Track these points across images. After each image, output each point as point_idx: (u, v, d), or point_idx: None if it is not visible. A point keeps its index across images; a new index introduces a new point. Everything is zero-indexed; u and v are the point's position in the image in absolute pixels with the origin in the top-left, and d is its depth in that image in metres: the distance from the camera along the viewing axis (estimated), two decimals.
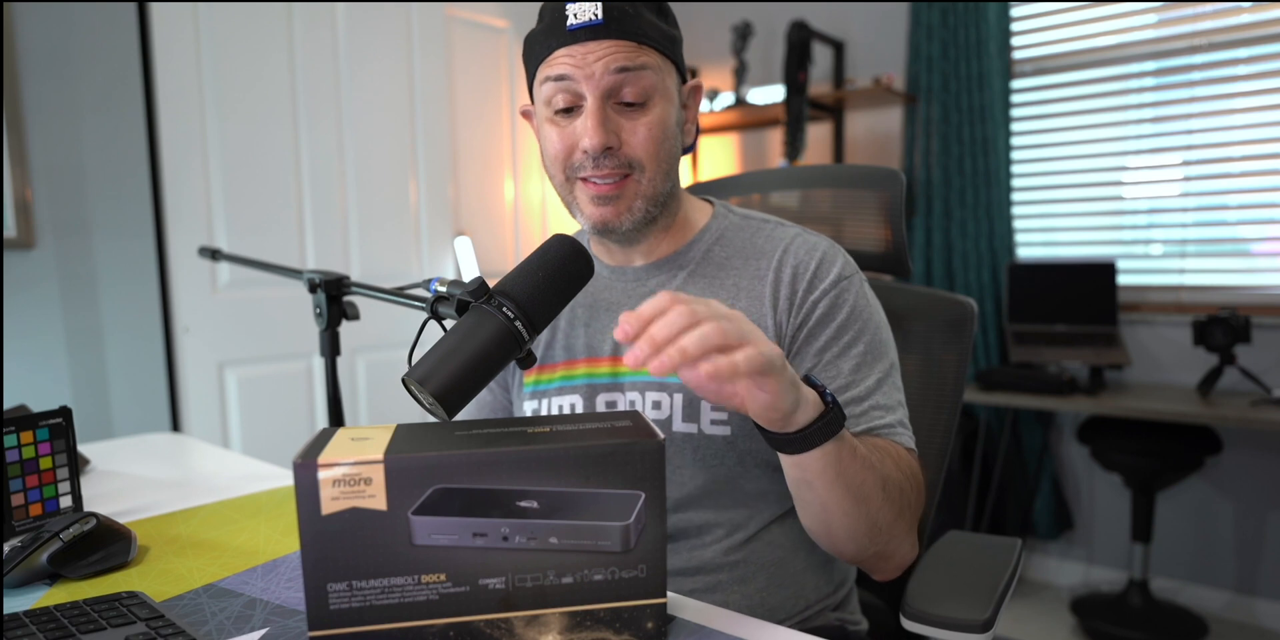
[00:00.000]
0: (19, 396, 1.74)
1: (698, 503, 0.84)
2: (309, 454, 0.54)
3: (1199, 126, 2.34)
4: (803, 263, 0.84)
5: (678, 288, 0.87)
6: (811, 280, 0.83)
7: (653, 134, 0.79)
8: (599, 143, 0.77)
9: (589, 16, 0.76)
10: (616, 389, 0.87)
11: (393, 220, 2.44)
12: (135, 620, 0.60)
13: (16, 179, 1.78)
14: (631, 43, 0.77)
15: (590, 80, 0.77)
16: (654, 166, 0.81)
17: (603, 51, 0.77)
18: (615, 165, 0.79)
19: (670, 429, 0.83)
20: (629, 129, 0.79)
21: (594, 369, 0.88)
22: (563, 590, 0.56)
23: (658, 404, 0.84)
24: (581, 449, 0.55)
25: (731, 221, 0.91)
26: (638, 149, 0.79)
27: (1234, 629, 2.27)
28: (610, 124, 0.78)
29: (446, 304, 0.73)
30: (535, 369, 0.92)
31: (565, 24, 0.77)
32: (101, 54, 1.90)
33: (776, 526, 0.86)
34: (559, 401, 0.89)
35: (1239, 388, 2.21)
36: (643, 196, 0.81)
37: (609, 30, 0.77)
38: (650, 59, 0.78)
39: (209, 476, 1.10)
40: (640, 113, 0.79)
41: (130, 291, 1.98)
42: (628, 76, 0.77)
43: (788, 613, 0.86)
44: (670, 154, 0.82)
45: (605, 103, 0.78)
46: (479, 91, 2.66)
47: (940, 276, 2.67)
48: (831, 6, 2.87)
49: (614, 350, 0.87)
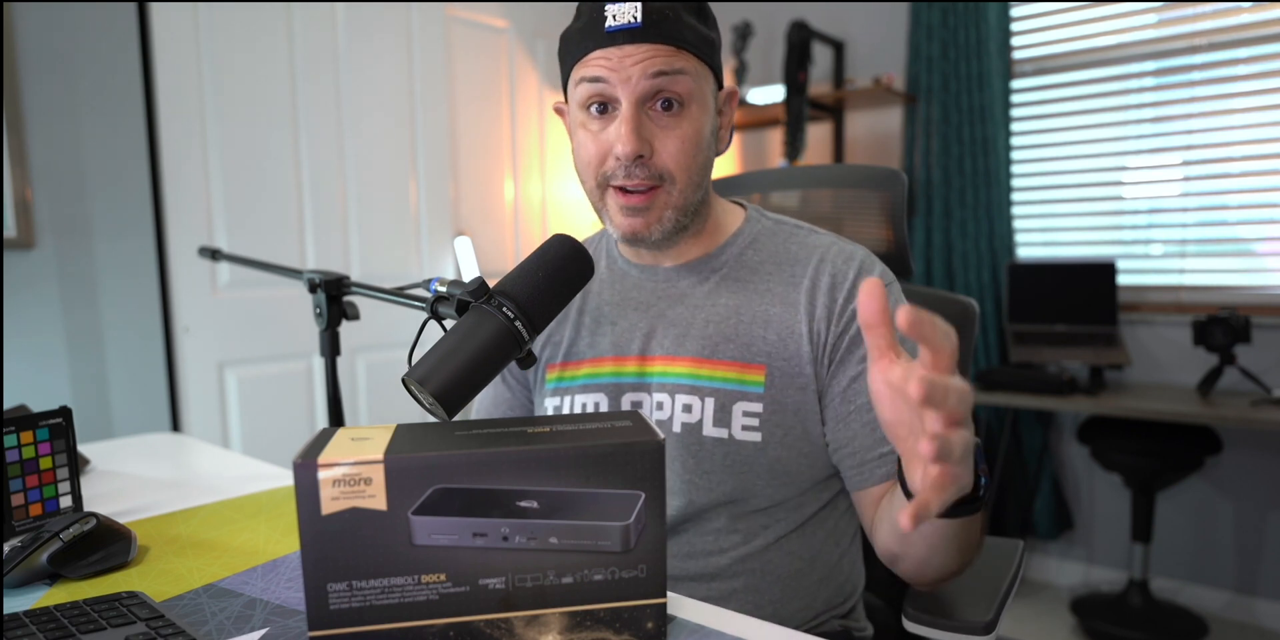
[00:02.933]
0: (19, 396, 1.74)
1: (722, 508, 0.83)
2: (309, 454, 0.53)
3: (1199, 126, 2.34)
4: (840, 271, 0.83)
5: (709, 291, 0.86)
6: (851, 289, 0.82)
7: (685, 146, 0.78)
8: (632, 150, 0.76)
9: (628, 18, 0.75)
10: (643, 389, 0.86)
11: (393, 220, 2.44)
12: (135, 620, 0.60)
13: (16, 179, 1.78)
14: (670, 47, 0.76)
15: (626, 84, 0.76)
16: (684, 178, 0.79)
17: (640, 55, 0.75)
18: (646, 175, 0.78)
19: (701, 433, 0.82)
20: (662, 138, 0.78)
21: (620, 368, 0.87)
22: (563, 590, 0.56)
23: (688, 407, 0.83)
24: (581, 449, 0.55)
25: (765, 226, 0.90)
26: (669, 160, 0.78)
27: (1234, 629, 2.27)
28: (644, 131, 0.77)
29: (446, 304, 0.73)
30: (559, 365, 0.91)
31: (604, 25, 0.76)
32: (101, 54, 1.90)
33: (796, 536, 0.85)
34: (583, 399, 0.88)
35: (1239, 388, 2.21)
36: (673, 207, 0.80)
37: (647, 34, 0.75)
38: (687, 64, 0.77)
39: (209, 476, 1.10)
40: (675, 121, 0.78)
41: (130, 291, 1.98)
42: (664, 81, 0.76)
43: (796, 623, 0.85)
44: (702, 164, 0.81)
45: (640, 108, 0.77)
46: (479, 91, 2.65)
47: (940, 276, 2.67)
48: (831, 6, 2.87)
49: (641, 349, 0.86)
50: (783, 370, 0.81)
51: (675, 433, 0.83)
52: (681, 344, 0.84)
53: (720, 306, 0.85)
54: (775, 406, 0.81)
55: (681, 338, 0.85)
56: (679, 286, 0.88)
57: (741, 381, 0.82)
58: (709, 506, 0.83)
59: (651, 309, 0.87)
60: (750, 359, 0.82)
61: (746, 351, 0.82)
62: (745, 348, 0.82)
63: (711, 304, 0.85)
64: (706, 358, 0.83)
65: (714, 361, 0.83)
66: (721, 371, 0.82)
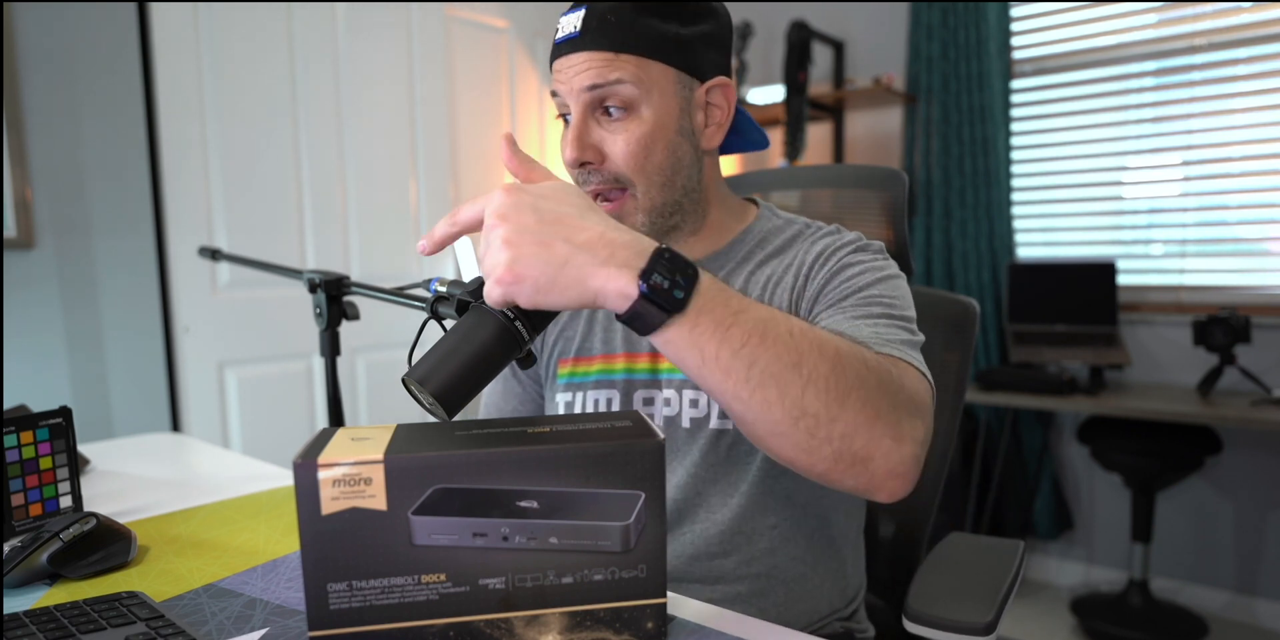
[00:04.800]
0: (19, 396, 1.74)
1: (728, 505, 0.83)
2: (309, 454, 0.53)
3: (1199, 126, 2.34)
4: (829, 245, 0.82)
5: None
6: (827, 253, 0.81)
7: (633, 148, 0.77)
8: (572, 157, 0.77)
9: (570, 28, 0.76)
10: (654, 386, 0.86)
11: (393, 220, 2.44)
12: (135, 620, 0.60)
13: (16, 179, 1.78)
14: (607, 53, 0.75)
15: (571, 95, 0.77)
16: (644, 180, 0.78)
17: (579, 67, 0.76)
18: (600, 181, 0.78)
19: (708, 426, 0.83)
20: (610, 142, 0.77)
21: (633, 364, 0.87)
22: (563, 590, 0.56)
23: (695, 402, 0.83)
24: (581, 449, 0.55)
25: (775, 224, 0.89)
26: (620, 163, 0.77)
27: (1234, 629, 2.27)
28: (591, 137, 0.77)
29: (446, 304, 0.73)
30: (571, 360, 0.91)
31: (555, 36, 0.78)
32: (101, 54, 1.90)
33: (803, 539, 0.85)
34: (595, 395, 0.88)
35: (1239, 388, 2.21)
36: (642, 211, 0.80)
37: (584, 42, 0.75)
38: (628, 71, 0.75)
39: (209, 476, 1.10)
40: (621, 125, 0.77)
41: (130, 291, 1.98)
42: (600, 93, 0.76)
43: (800, 626, 0.85)
44: (664, 163, 0.78)
45: (589, 116, 0.77)
46: (479, 91, 2.65)
47: (940, 276, 2.67)
48: (831, 6, 2.87)
49: (653, 346, 0.86)
50: None
51: (685, 428, 0.84)
52: None
53: None
54: None
55: None
56: None
57: None
58: (716, 500, 0.83)
59: None
60: None
61: None
62: None
63: None
64: None
65: None
66: None
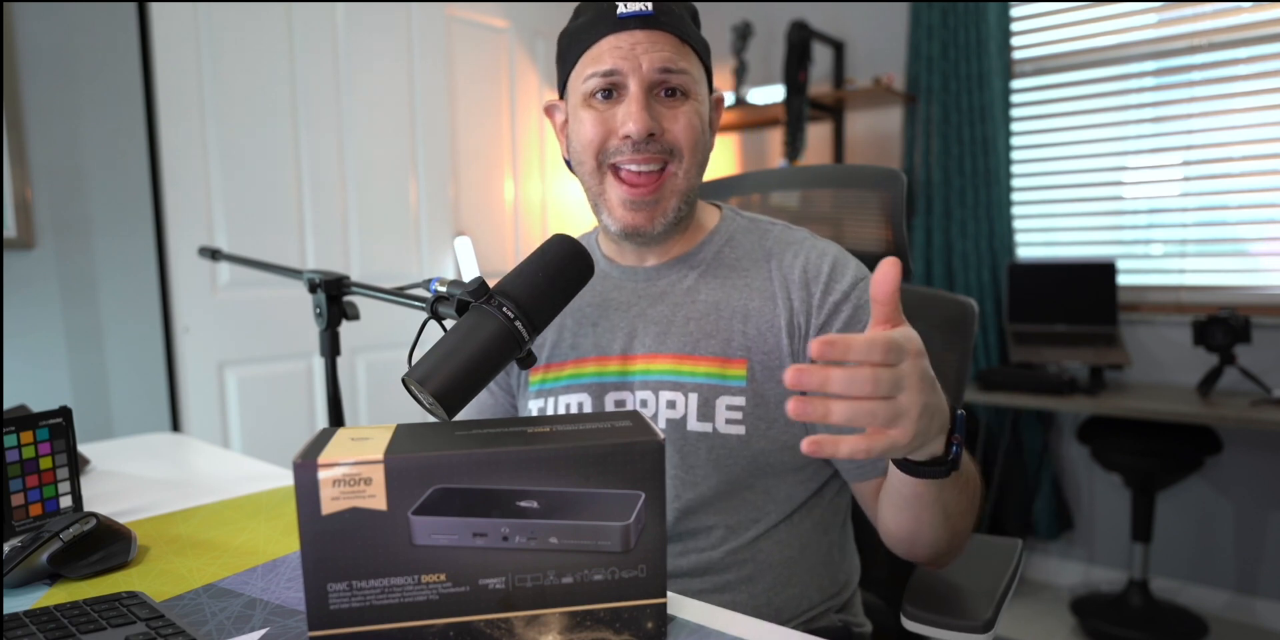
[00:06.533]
0: (19, 396, 1.74)
1: (710, 503, 0.84)
2: (309, 454, 0.54)
3: (1199, 126, 2.34)
4: (813, 265, 0.85)
5: (689, 288, 0.87)
6: (828, 283, 0.84)
7: (692, 123, 0.82)
8: (643, 128, 0.79)
9: (640, 6, 0.79)
10: (626, 387, 0.86)
11: (393, 220, 2.44)
12: (135, 620, 0.60)
13: (16, 179, 1.78)
14: (678, 39, 0.80)
15: (636, 72, 0.79)
16: (691, 157, 0.83)
17: (650, 44, 0.79)
18: (658, 150, 0.81)
19: (685, 428, 0.83)
20: (670, 117, 0.81)
21: (603, 367, 0.88)
22: (563, 590, 0.56)
23: (672, 403, 0.84)
24: (581, 449, 0.55)
25: (740, 224, 0.92)
26: (679, 136, 0.81)
27: (1234, 629, 2.27)
28: (652, 111, 0.80)
29: (446, 304, 0.73)
30: (541, 368, 0.92)
31: (615, 13, 0.79)
32: (101, 54, 1.90)
33: (785, 526, 0.86)
34: (566, 399, 0.88)
35: (1239, 388, 2.21)
36: (678, 192, 0.83)
37: (660, 22, 0.79)
38: (691, 62, 0.82)
39: (209, 476, 1.10)
40: (680, 103, 0.81)
41: (130, 291, 1.98)
42: (669, 76, 0.80)
43: (792, 613, 0.86)
44: (704, 149, 0.85)
45: (649, 92, 0.80)
46: (479, 91, 2.65)
47: (940, 276, 2.67)
48: (831, 6, 2.86)
49: (624, 349, 0.87)
50: (764, 364, 0.83)
51: (661, 428, 0.84)
52: (663, 341, 0.86)
53: (700, 303, 0.86)
54: (758, 399, 0.82)
55: (663, 335, 0.86)
56: (659, 285, 0.89)
57: (723, 376, 0.83)
58: (699, 501, 0.83)
59: (632, 309, 0.88)
60: (731, 354, 0.84)
61: (727, 346, 0.84)
62: (726, 343, 0.84)
63: (691, 301, 0.87)
64: (688, 354, 0.84)
65: (695, 357, 0.84)
66: (704, 367, 0.84)
